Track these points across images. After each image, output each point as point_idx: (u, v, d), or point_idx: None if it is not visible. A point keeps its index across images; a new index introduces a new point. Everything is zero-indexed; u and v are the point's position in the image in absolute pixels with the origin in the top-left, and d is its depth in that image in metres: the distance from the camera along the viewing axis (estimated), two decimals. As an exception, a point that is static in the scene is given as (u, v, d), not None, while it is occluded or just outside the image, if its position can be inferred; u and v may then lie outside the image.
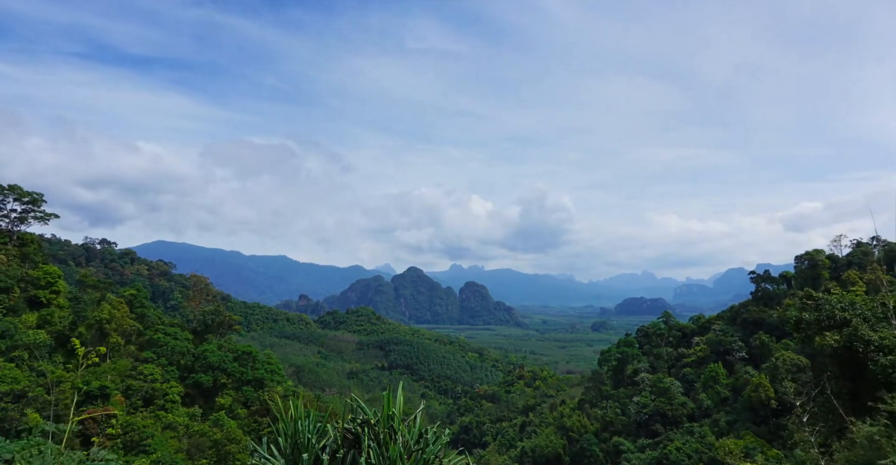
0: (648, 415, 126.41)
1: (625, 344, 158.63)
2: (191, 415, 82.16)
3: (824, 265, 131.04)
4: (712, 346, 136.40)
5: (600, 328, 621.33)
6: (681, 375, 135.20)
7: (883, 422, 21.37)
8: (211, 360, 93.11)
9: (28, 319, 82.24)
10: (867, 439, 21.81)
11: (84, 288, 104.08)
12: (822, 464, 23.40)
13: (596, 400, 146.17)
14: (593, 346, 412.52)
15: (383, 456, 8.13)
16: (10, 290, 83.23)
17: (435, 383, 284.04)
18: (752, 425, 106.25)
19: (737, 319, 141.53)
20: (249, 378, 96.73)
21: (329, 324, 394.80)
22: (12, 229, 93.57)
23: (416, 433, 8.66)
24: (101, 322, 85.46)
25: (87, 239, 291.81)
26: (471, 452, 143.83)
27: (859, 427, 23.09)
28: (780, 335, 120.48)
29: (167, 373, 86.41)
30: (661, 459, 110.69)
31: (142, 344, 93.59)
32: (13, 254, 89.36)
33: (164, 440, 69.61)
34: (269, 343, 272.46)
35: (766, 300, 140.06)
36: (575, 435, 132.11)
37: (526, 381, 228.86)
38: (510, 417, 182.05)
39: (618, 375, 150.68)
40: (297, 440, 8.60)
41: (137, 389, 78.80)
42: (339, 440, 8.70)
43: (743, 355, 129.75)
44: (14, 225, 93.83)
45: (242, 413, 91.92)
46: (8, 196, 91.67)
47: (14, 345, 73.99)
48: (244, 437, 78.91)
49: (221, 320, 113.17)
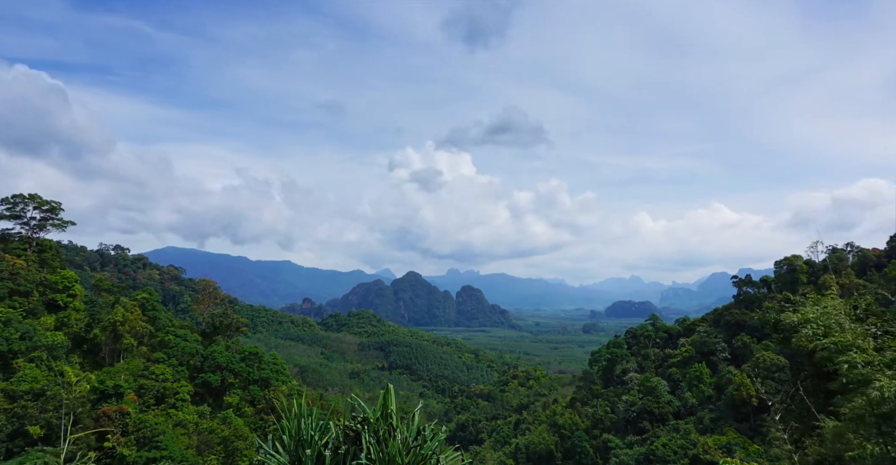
0: (636, 413, 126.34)
1: (614, 345, 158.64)
2: (200, 413, 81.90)
3: (802, 270, 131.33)
4: (697, 347, 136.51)
5: (591, 330, 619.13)
6: (667, 374, 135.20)
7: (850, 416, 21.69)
8: (219, 360, 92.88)
9: (46, 321, 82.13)
10: (835, 434, 22.12)
11: (99, 292, 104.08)
12: (795, 459, 23.65)
13: (587, 399, 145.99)
14: (584, 347, 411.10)
15: (383, 452, 8.38)
16: (29, 293, 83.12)
17: (433, 382, 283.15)
18: (735, 422, 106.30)
19: (720, 321, 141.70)
20: (256, 378, 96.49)
21: (332, 326, 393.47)
22: (32, 236, 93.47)
23: (414, 431, 8.90)
24: (115, 324, 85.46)
25: (101, 245, 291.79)
26: (467, 448, 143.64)
27: (828, 424, 23.41)
28: (761, 337, 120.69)
29: (177, 373, 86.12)
30: (648, 455, 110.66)
31: (153, 345, 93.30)
32: (32, 259, 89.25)
33: (175, 436, 69.57)
34: (274, 345, 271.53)
35: (747, 303, 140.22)
36: (567, 432, 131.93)
37: (520, 381, 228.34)
38: (505, 415, 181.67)
39: (607, 375, 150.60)
40: (301, 437, 8.84)
41: (149, 388, 78.61)
42: (340, 437, 8.94)
43: (726, 355, 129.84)
44: (33, 232, 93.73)
45: (249, 411, 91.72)
46: (28, 204, 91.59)
47: (34, 346, 74.05)
48: (251, 434, 78.88)
49: (229, 322, 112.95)
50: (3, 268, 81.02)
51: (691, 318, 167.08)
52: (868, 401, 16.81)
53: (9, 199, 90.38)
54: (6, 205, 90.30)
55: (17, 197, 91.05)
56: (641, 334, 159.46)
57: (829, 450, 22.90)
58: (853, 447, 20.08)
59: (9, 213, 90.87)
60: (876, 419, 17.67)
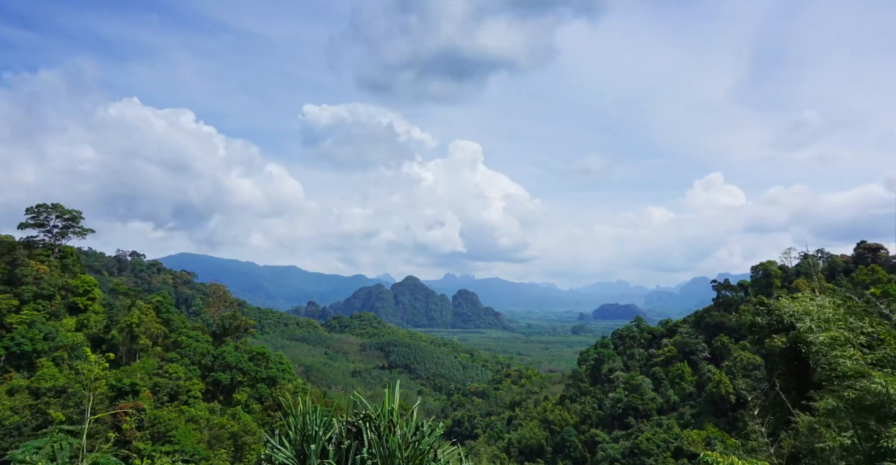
0: (622, 409, 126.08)
1: (601, 346, 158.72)
2: (211, 409, 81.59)
3: (776, 275, 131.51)
4: (679, 347, 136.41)
5: (579, 332, 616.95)
6: (651, 373, 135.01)
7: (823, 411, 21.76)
8: (228, 360, 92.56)
9: (68, 323, 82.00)
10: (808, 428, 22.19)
11: (116, 295, 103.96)
12: (771, 451, 23.76)
13: (575, 396, 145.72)
14: (573, 347, 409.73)
15: (383, 447, 8.37)
16: (52, 297, 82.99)
17: (430, 381, 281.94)
18: (714, 417, 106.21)
19: (700, 323, 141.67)
20: (263, 377, 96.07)
21: (335, 328, 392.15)
22: (54, 243, 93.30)
23: (413, 426, 8.89)
24: (131, 326, 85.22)
25: (118, 251, 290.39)
26: (463, 443, 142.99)
27: (802, 418, 23.48)
28: (738, 337, 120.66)
29: (190, 372, 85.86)
30: (633, 448, 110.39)
31: (167, 346, 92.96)
32: (55, 265, 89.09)
33: (188, 431, 69.35)
34: (280, 345, 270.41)
35: (726, 306, 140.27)
36: (556, 428, 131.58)
37: (512, 379, 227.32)
38: (498, 411, 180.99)
39: (595, 373, 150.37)
40: (306, 432, 8.84)
41: (163, 386, 78.36)
42: (343, 432, 8.93)
43: (706, 355, 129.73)
44: (56, 239, 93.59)
45: (257, 408, 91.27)
46: (51, 213, 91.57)
47: (56, 346, 74.27)
48: (258, 429, 78.54)
49: (238, 324, 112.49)
50: (28, 273, 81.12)
51: (673, 320, 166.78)
52: (859, 394, 16.75)
53: (33, 208, 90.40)
54: (31, 214, 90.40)
55: (41, 207, 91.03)
56: (627, 335, 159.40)
57: (802, 443, 23.03)
58: (825, 439, 20.12)
59: (33, 221, 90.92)
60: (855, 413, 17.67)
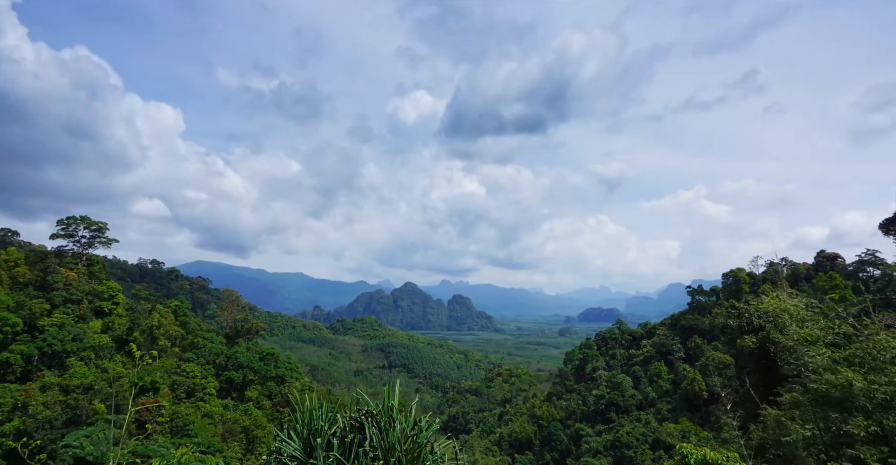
0: (605, 405, 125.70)
1: (586, 347, 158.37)
2: (224, 406, 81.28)
3: (745, 281, 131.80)
4: (657, 348, 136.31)
5: (565, 334, 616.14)
6: (631, 372, 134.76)
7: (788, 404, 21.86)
8: (241, 360, 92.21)
9: (94, 325, 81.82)
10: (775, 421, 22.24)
11: (138, 300, 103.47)
12: (741, 442, 23.83)
13: (561, 393, 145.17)
14: (559, 348, 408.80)
15: (384, 441, 8.39)
16: (80, 301, 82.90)
17: (427, 379, 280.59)
18: (688, 412, 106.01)
19: (676, 325, 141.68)
20: (272, 375, 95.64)
21: (338, 330, 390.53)
22: (82, 252, 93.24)
23: (411, 422, 8.92)
24: (151, 328, 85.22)
25: (140, 260, 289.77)
26: (457, 437, 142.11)
27: (769, 412, 23.56)
28: (711, 339, 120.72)
29: (205, 371, 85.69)
30: (614, 441, 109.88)
31: (184, 347, 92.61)
32: (83, 272, 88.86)
33: (204, 426, 69.12)
34: (288, 346, 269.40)
35: (699, 310, 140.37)
36: (544, 422, 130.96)
37: (503, 378, 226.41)
38: (490, 408, 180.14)
39: (580, 372, 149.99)
40: (312, 426, 8.85)
41: (181, 383, 78.22)
42: (347, 427, 8.94)
43: (681, 355, 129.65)
44: (84, 248, 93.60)
45: (267, 404, 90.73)
46: (79, 225, 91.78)
47: (83, 347, 74.55)
48: (268, 424, 78.03)
49: (249, 326, 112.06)
50: (58, 280, 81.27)
51: (652, 323, 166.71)
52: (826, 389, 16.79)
53: (63, 220, 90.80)
54: (61, 226, 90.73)
55: (71, 219, 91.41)
56: (609, 337, 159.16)
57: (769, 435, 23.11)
58: (790, 431, 20.19)
59: (63, 232, 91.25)
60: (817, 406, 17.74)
